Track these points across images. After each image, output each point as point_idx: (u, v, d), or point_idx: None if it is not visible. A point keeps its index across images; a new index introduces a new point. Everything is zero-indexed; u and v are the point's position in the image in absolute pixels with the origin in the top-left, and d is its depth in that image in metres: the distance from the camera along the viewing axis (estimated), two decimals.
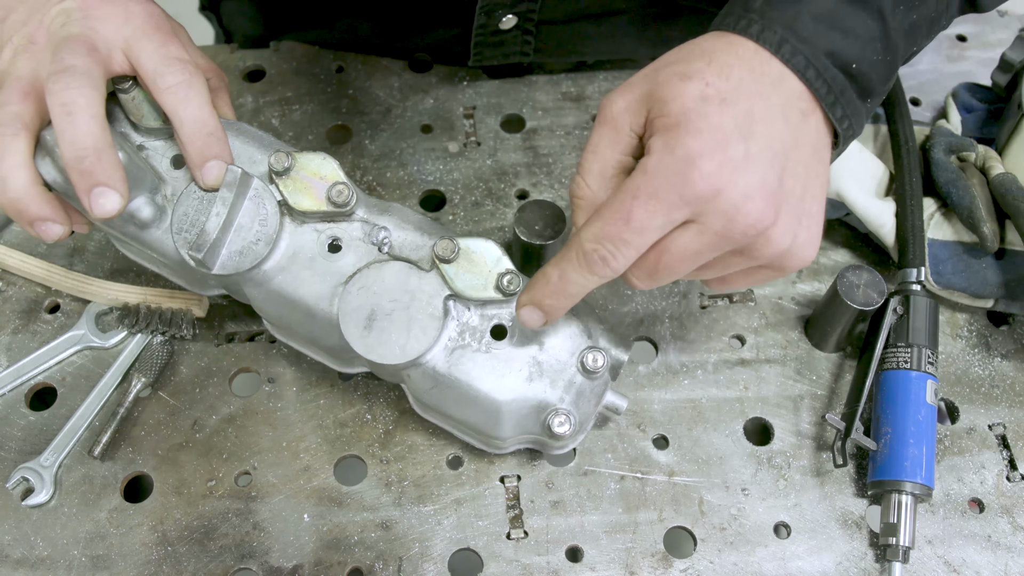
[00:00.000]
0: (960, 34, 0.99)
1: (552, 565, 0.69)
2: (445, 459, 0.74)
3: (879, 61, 0.59)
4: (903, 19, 0.60)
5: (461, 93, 0.93)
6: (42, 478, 0.71)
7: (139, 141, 0.67)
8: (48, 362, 0.76)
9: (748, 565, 0.70)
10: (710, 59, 0.56)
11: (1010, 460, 0.75)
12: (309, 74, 0.94)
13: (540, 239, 0.75)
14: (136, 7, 0.64)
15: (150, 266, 0.73)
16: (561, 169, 0.88)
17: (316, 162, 0.65)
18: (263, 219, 0.65)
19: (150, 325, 0.76)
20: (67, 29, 0.61)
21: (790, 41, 0.57)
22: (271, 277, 0.65)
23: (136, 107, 0.65)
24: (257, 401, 0.75)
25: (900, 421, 0.71)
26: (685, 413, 0.76)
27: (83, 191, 0.59)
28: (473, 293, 0.64)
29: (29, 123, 0.60)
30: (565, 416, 0.63)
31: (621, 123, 0.58)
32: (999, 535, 0.72)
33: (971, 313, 0.82)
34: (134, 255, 0.73)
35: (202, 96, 0.63)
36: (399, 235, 0.66)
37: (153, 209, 0.65)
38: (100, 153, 0.58)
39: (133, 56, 0.63)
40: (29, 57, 0.62)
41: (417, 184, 0.87)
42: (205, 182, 0.64)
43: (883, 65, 0.60)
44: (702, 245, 0.56)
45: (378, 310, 0.63)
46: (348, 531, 0.70)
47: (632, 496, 0.72)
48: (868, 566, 0.70)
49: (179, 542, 0.69)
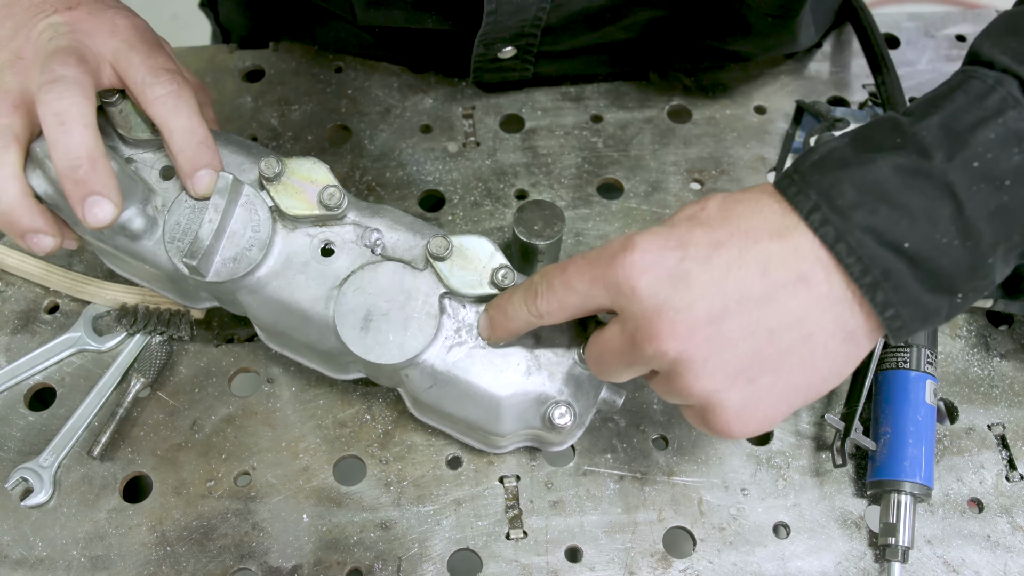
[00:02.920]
0: (960, 34, 0.99)
1: (551, 565, 0.69)
2: (444, 459, 0.74)
3: (952, 246, 0.50)
4: (985, 200, 0.50)
5: (460, 93, 0.93)
6: (41, 478, 0.71)
7: (127, 153, 0.67)
8: (44, 363, 0.76)
9: (747, 565, 0.70)
10: (730, 193, 0.55)
11: (1009, 460, 0.75)
12: (308, 74, 0.94)
13: (539, 239, 0.75)
14: (122, 20, 0.64)
15: (141, 281, 0.73)
16: (560, 169, 0.88)
17: (306, 166, 0.66)
18: (255, 225, 0.65)
19: (148, 326, 0.76)
20: (55, 43, 0.61)
21: (822, 208, 0.51)
22: (265, 283, 0.65)
23: (124, 119, 0.66)
24: (256, 401, 0.75)
25: (899, 421, 0.71)
26: None
27: (77, 201, 0.59)
28: (468, 290, 0.64)
29: (19, 135, 0.60)
30: (566, 407, 0.63)
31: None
32: (998, 535, 0.72)
33: (970, 313, 0.82)
34: (123, 270, 0.73)
35: (191, 106, 0.63)
36: (391, 236, 0.66)
37: (144, 220, 0.65)
38: (94, 162, 0.58)
39: (121, 68, 0.63)
40: (17, 72, 0.62)
41: (416, 184, 0.87)
42: (196, 191, 0.64)
43: (961, 251, 0.50)
44: (622, 344, 0.55)
45: (374, 311, 0.63)
46: (347, 531, 0.70)
47: (631, 496, 0.72)
48: (867, 566, 0.70)
49: (178, 542, 0.69)
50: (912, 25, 1.00)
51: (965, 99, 0.52)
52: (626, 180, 0.88)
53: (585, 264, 0.55)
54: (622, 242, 0.54)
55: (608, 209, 0.86)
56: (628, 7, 0.82)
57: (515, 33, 0.82)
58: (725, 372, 0.52)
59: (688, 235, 0.53)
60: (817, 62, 0.97)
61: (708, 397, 0.53)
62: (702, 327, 0.51)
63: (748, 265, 0.51)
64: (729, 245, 0.52)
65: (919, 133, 0.51)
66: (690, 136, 0.91)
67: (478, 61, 0.86)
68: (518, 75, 0.90)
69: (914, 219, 0.50)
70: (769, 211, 0.53)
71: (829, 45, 0.98)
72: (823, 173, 0.52)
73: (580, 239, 0.84)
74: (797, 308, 0.51)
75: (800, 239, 0.51)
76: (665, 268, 0.52)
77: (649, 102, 0.93)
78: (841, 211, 0.50)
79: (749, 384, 0.52)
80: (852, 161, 0.52)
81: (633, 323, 0.53)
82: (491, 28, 0.80)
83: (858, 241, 0.50)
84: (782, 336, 0.51)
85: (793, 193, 0.52)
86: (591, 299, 0.56)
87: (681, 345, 0.51)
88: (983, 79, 0.52)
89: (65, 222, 0.66)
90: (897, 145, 0.51)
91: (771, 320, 0.51)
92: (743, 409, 0.53)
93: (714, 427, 0.54)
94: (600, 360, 0.59)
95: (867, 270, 0.50)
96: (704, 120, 0.92)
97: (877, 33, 0.91)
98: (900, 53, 0.97)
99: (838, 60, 0.97)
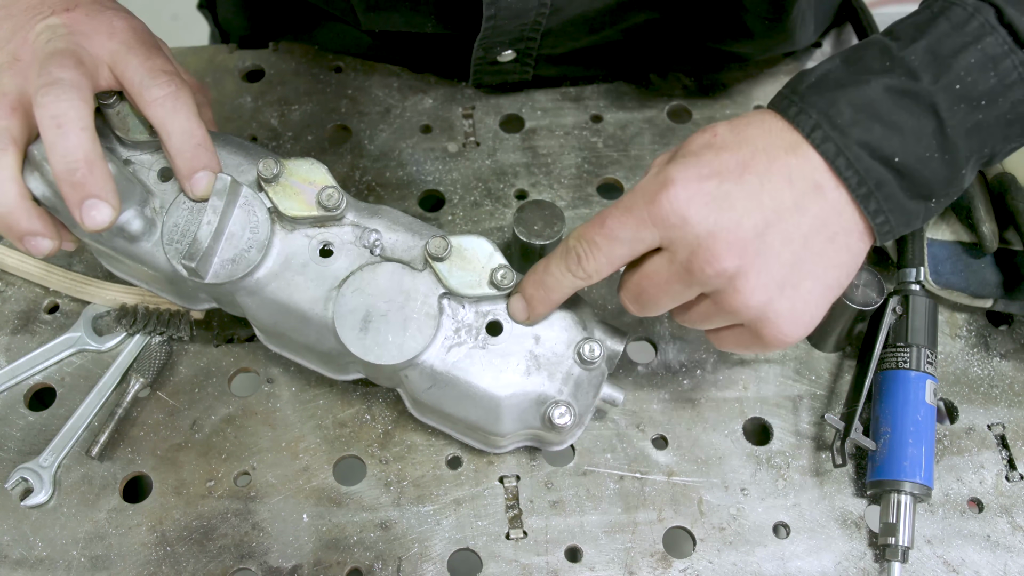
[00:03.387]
0: None
1: (551, 565, 0.69)
2: (444, 459, 0.74)
3: (933, 158, 0.56)
4: (963, 118, 0.56)
5: (460, 93, 0.93)
6: (41, 478, 0.71)
7: (125, 155, 0.67)
8: (44, 363, 0.76)
9: (747, 565, 0.70)
10: (735, 120, 0.59)
11: (1009, 460, 0.75)
12: (308, 74, 0.94)
13: (539, 239, 0.75)
14: (120, 22, 0.64)
15: (139, 283, 0.73)
16: (560, 169, 0.88)
17: (305, 167, 0.66)
18: (254, 226, 0.65)
19: (148, 326, 0.76)
20: (52, 45, 0.61)
21: (823, 127, 0.56)
22: (264, 285, 0.65)
23: (122, 121, 0.66)
24: (256, 401, 0.75)
25: (899, 421, 0.71)
26: (684, 413, 0.76)
27: (74, 204, 0.59)
28: (467, 290, 0.64)
29: (17, 137, 0.60)
30: (565, 407, 0.63)
31: (655, 166, 0.61)
32: (998, 535, 0.72)
33: (970, 313, 0.82)
34: (122, 272, 0.73)
35: (189, 107, 0.63)
36: (390, 237, 0.66)
37: (142, 222, 0.65)
38: (91, 165, 0.58)
39: (119, 70, 0.63)
40: (14, 74, 0.62)
41: (416, 184, 0.87)
42: (195, 193, 0.64)
43: (940, 163, 0.56)
44: (671, 274, 0.57)
45: (373, 311, 0.63)
46: (347, 531, 0.70)
47: (631, 496, 0.72)
48: (867, 566, 0.70)
49: (178, 542, 0.69)
50: None
51: (948, 25, 0.57)
52: (626, 180, 0.88)
53: (623, 211, 0.57)
54: (657, 180, 0.56)
55: None
56: (626, 10, 0.82)
57: (514, 37, 0.83)
58: (775, 281, 0.56)
59: (716, 160, 0.56)
60: (816, 61, 0.97)
61: (763, 308, 0.56)
62: (751, 241, 0.55)
63: (776, 178, 0.56)
64: (755, 163, 0.56)
65: (907, 57, 0.56)
66: (690, 136, 0.91)
67: (478, 64, 0.87)
68: (517, 77, 0.90)
69: (903, 135, 0.55)
70: (776, 129, 0.57)
71: (829, 45, 0.98)
72: (821, 93, 0.57)
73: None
74: (820, 212, 0.56)
75: (808, 151, 0.56)
76: (708, 193, 0.55)
77: (649, 102, 0.93)
78: (840, 128, 0.55)
79: (794, 290, 0.56)
80: (847, 82, 0.57)
81: (687, 250, 0.56)
82: (490, 32, 0.80)
83: (855, 155, 0.55)
84: (813, 240, 0.56)
85: (794, 113, 0.57)
86: (639, 242, 0.57)
87: (738, 260, 0.55)
88: (963, 6, 0.57)
89: (63, 224, 0.66)
90: (887, 68, 0.56)
91: (803, 226, 0.56)
92: (792, 314, 0.57)
93: (768, 337, 0.58)
94: (644, 295, 0.60)
95: (863, 181, 0.56)
96: (704, 120, 0.92)
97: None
98: None
99: None
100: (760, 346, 0.59)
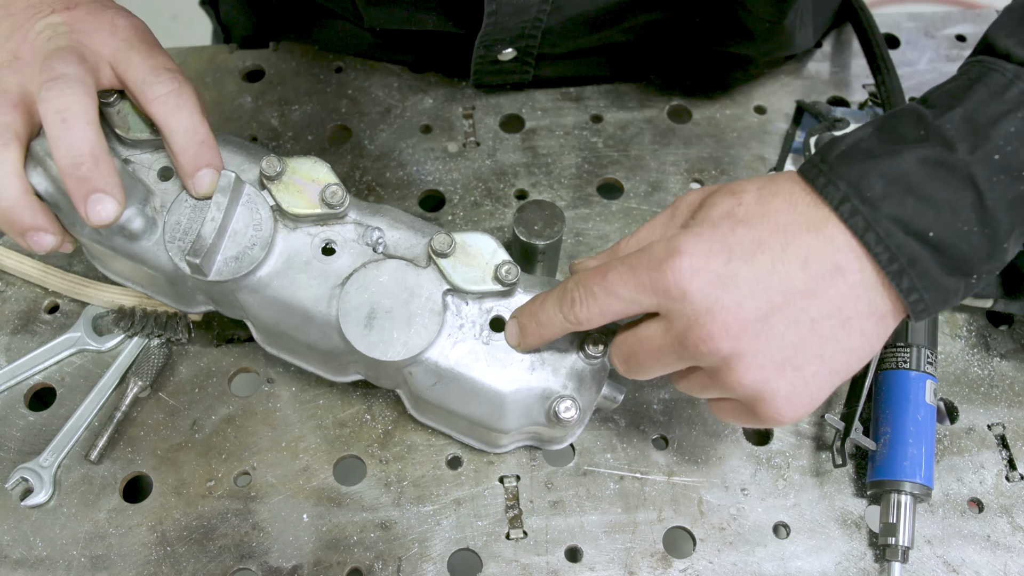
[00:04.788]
0: (959, 34, 0.99)
1: (551, 565, 0.69)
2: (444, 459, 0.74)
3: (972, 233, 0.53)
4: (1004, 190, 0.52)
5: (460, 93, 0.93)
6: (41, 478, 0.70)
7: (125, 155, 0.67)
8: (44, 363, 0.76)
9: (747, 565, 0.70)
10: (762, 185, 0.56)
11: (1009, 460, 0.75)
12: (308, 74, 0.94)
13: (539, 239, 0.74)
14: (121, 20, 0.64)
15: (135, 286, 0.73)
16: (560, 169, 0.88)
17: (307, 165, 0.66)
18: (257, 224, 0.65)
19: (145, 328, 0.76)
20: (54, 43, 0.61)
21: (852, 200, 0.53)
22: (267, 283, 0.65)
23: (122, 119, 0.66)
24: (256, 401, 0.75)
25: (899, 421, 0.71)
26: (684, 413, 0.76)
27: (80, 198, 0.58)
28: (472, 286, 0.64)
29: (20, 133, 0.60)
30: (571, 401, 0.63)
31: (679, 212, 0.60)
32: (998, 535, 0.72)
33: (970, 313, 0.82)
34: (118, 275, 0.72)
35: (192, 104, 0.63)
36: (393, 235, 0.66)
37: (143, 220, 0.65)
38: (97, 159, 0.58)
39: (121, 68, 0.63)
40: (15, 72, 0.62)
41: (416, 184, 0.87)
42: (198, 191, 0.64)
43: (980, 238, 0.53)
44: (665, 344, 0.56)
45: (378, 308, 0.63)
46: (347, 531, 0.70)
47: (631, 496, 0.72)
48: (867, 566, 0.70)
49: (178, 542, 0.69)
50: (912, 25, 1.00)
51: (986, 92, 0.54)
52: (626, 180, 0.88)
53: (627, 270, 0.56)
54: (666, 247, 0.54)
55: (608, 209, 0.86)
56: (627, 10, 0.82)
57: (515, 35, 0.83)
58: (773, 363, 0.54)
59: (731, 235, 0.54)
60: (817, 62, 0.97)
61: (758, 388, 0.54)
62: (752, 323, 0.53)
63: (790, 260, 0.53)
64: (771, 242, 0.54)
65: (943, 126, 0.53)
66: (690, 136, 0.91)
67: (478, 63, 0.87)
68: (518, 77, 0.90)
69: (938, 209, 0.52)
70: (803, 204, 0.55)
71: (829, 45, 0.98)
72: (851, 164, 0.54)
73: (580, 239, 0.84)
74: (835, 296, 0.54)
75: (833, 231, 0.54)
76: (714, 270, 0.53)
77: (649, 102, 0.93)
78: (870, 202, 0.53)
79: (796, 372, 0.54)
80: (879, 152, 0.54)
81: (683, 324, 0.54)
82: (492, 29, 0.80)
83: (886, 231, 0.52)
84: (823, 324, 0.54)
85: (822, 184, 0.54)
86: (635, 304, 0.56)
87: (733, 342, 0.53)
88: (1002, 72, 0.54)
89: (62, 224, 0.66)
90: (921, 137, 0.53)
91: (813, 310, 0.54)
92: (791, 395, 0.55)
93: (763, 415, 0.56)
94: (634, 358, 0.59)
95: (894, 258, 0.53)
96: (704, 120, 0.92)
97: (877, 33, 0.91)
98: (900, 53, 0.97)
99: (838, 60, 0.97)
100: (756, 422, 0.57)
